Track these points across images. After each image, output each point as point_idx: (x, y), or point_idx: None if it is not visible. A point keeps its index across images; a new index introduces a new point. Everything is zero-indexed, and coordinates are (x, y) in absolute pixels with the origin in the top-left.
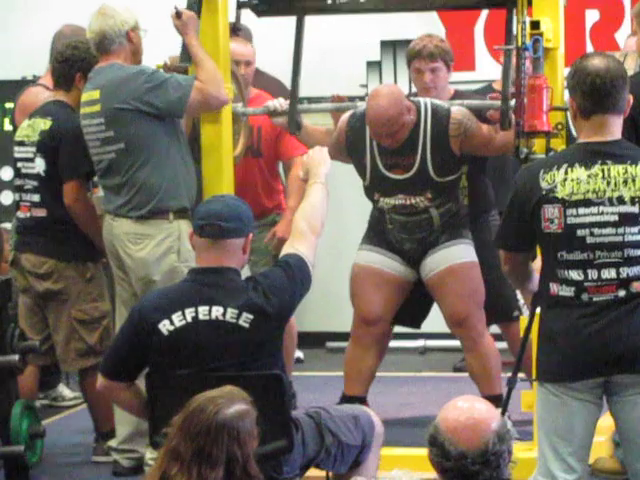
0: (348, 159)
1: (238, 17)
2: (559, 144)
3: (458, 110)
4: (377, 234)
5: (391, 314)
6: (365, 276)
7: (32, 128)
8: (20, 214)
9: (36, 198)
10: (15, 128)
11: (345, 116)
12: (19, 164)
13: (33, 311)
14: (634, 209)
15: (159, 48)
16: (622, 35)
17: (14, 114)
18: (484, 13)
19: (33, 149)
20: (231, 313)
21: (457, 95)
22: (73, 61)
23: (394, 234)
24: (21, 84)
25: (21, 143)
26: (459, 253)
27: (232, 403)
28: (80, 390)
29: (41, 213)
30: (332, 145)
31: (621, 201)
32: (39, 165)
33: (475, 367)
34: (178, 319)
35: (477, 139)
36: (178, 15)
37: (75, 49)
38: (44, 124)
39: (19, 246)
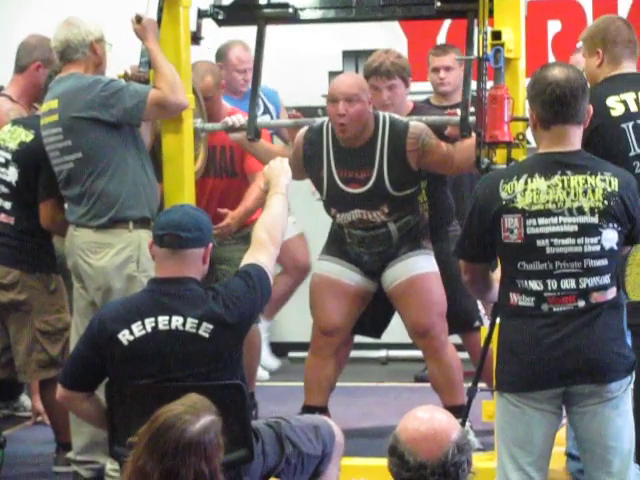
0: (305, 174)
1: (199, 26)
2: (520, 154)
3: (416, 125)
4: (336, 245)
5: (350, 325)
6: (324, 286)
7: (11, 134)
8: None
9: (7, 206)
10: None
11: (302, 130)
12: None
13: None
14: (594, 219)
15: (122, 60)
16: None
17: None
18: (446, 23)
19: (7, 155)
20: (191, 323)
21: (416, 109)
22: None
23: (353, 248)
24: None
25: None
26: (419, 264)
27: (198, 418)
28: (40, 401)
29: (9, 221)
30: (290, 161)
31: (581, 212)
32: (12, 174)
33: (437, 377)
34: (138, 329)
35: (435, 156)
36: (138, 20)
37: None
38: (26, 136)
39: None
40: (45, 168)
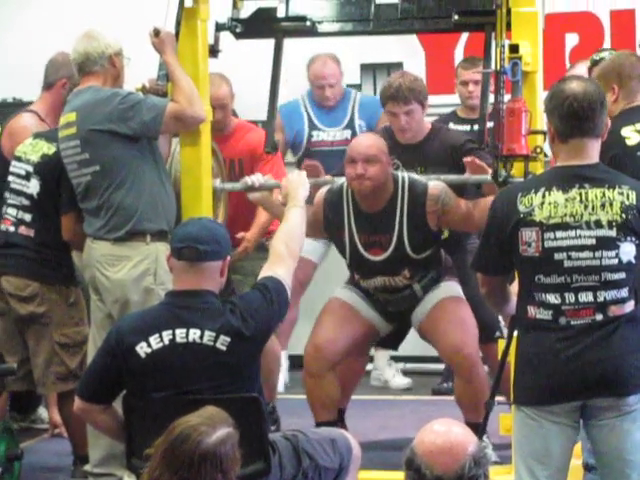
0: (324, 235)
1: (217, 40)
2: (538, 168)
3: (435, 185)
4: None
5: (345, 347)
6: (336, 307)
7: (33, 147)
8: (2, 227)
9: (27, 217)
10: (4, 151)
11: (321, 192)
12: (10, 178)
13: (11, 334)
14: (611, 233)
15: (139, 75)
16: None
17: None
18: (464, 36)
19: (29, 168)
20: (208, 336)
21: (434, 130)
22: None
23: (378, 302)
24: (1, 106)
25: (18, 159)
26: (445, 291)
27: (214, 430)
28: (58, 413)
29: (29, 232)
30: (307, 222)
31: (598, 225)
32: (33, 186)
33: (464, 395)
34: (155, 341)
35: (455, 215)
36: (156, 33)
37: None
38: (48, 148)
39: None
40: (67, 181)
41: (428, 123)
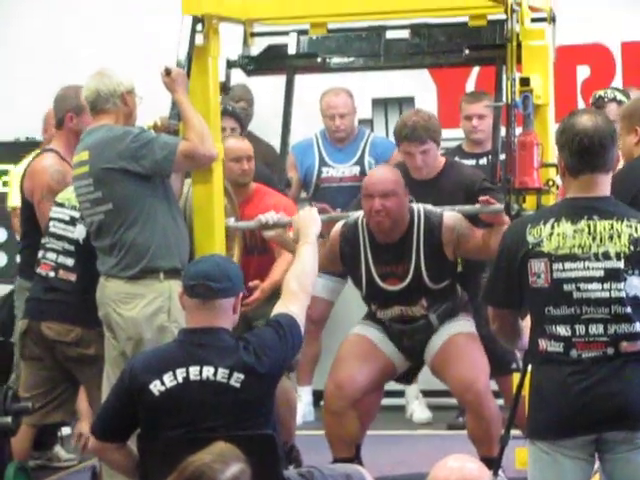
0: (341, 268)
1: (228, 77)
2: (550, 200)
3: (450, 216)
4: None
5: (366, 385)
6: (355, 343)
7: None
8: (42, 271)
9: (69, 262)
10: (26, 194)
11: (337, 227)
12: (51, 222)
13: (42, 379)
14: (619, 264)
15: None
16: None
17: (22, 178)
18: (475, 70)
19: (74, 214)
20: (222, 373)
21: (448, 164)
22: None
23: (394, 335)
24: (14, 146)
25: (60, 204)
26: (457, 326)
27: (227, 466)
28: None
29: (69, 277)
30: (324, 256)
31: (607, 256)
32: (79, 232)
33: (477, 431)
34: (169, 379)
35: (471, 244)
36: (167, 72)
37: None
38: None
39: (36, 314)
40: None
41: (442, 158)
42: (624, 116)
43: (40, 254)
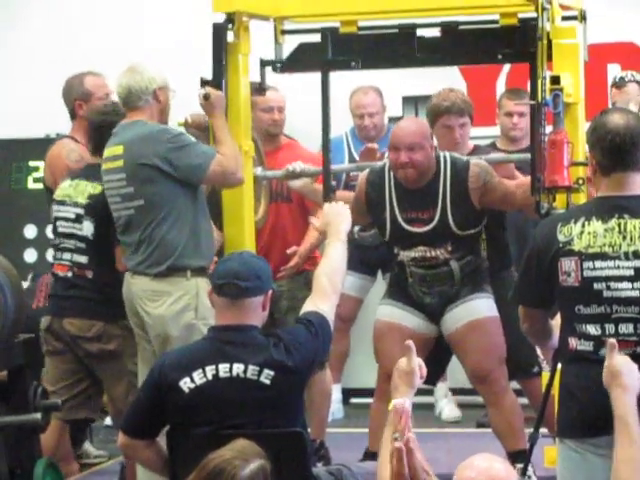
0: (368, 218)
1: (263, 76)
2: (580, 199)
3: (477, 163)
4: (398, 289)
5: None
6: (387, 331)
7: (75, 189)
8: (60, 273)
9: (83, 260)
10: (47, 183)
11: (364, 173)
12: (58, 222)
13: (64, 373)
14: None
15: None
16: None
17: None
18: (505, 68)
19: (78, 210)
20: (252, 370)
21: (475, 151)
22: (105, 126)
23: (414, 287)
24: (44, 142)
25: (61, 202)
26: (480, 308)
27: (247, 463)
28: None
29: (88, 274)
30: (351, 209)
31: (637, 255)
32: (87, 228)
33: (498, 423)
34: (199, 377)
35: (497, 193)
36: (206, 97)
37: (104, 114)
38: (93, 188)
39: (57, 310)
40: None
41: (471, 144)
42: None
43: (54, 255)
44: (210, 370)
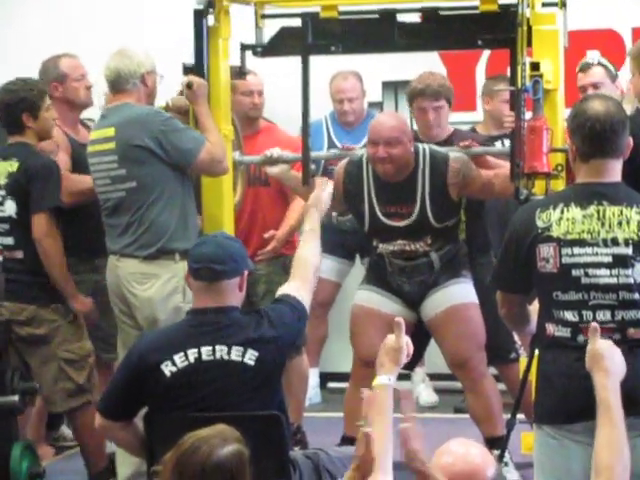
0: (344, 207)
1: (243, 60)
2: (559, 186)
3: (456, 157)
4: (376, 275)
5: None
6: (364, 316)
7: None
8: None
9: (9, 241)
10: None
11: (342, 163)
12: None
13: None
14: (627, 251)
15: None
16: (623, 75)
17: None
18: (485, 54)
19: (1, 192)
20: (236, 351)
21: (455, 134)
22: (14, 104)
23: (394, 277)
24: None
25: None
26: (459, 293)
27: (225, 443)
28: (71, 430)
29: (18, 255)
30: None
31: (615, 242)
32: (9, 207)
33: (476, 408)
34: (180, 360)
35: (475, 185)
36: (189, 86)
37: (11, 92)
38: (10, 166)
39: None
40: (37, 181)
41: (450, 127)
42: (634, 57)
43: None
44: (192, 353)
